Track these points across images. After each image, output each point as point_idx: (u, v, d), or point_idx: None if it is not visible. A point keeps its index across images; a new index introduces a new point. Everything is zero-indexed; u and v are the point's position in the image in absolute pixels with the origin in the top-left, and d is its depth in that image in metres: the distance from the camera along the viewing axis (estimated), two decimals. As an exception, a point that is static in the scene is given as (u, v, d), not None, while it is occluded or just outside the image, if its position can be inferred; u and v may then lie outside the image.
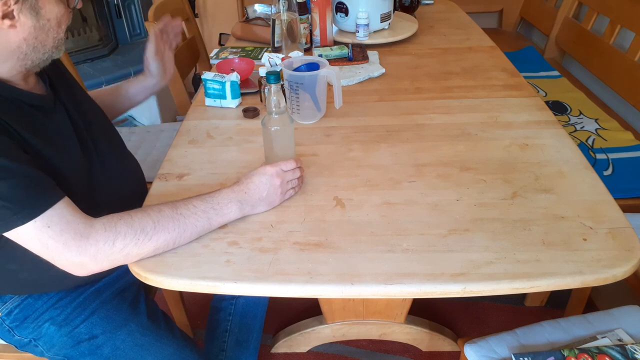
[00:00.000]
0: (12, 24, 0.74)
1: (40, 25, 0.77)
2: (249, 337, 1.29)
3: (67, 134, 0.88)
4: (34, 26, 0.77)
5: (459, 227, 0.84)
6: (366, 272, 0.77)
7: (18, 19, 0.74)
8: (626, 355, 0.90)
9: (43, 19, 0.77)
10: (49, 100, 0.87)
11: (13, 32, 0.75)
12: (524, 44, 2.51)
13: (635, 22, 1.74)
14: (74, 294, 0.96)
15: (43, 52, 0.81)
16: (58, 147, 0.84)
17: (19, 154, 0.74)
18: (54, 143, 0.83)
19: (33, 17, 0.76)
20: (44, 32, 0.78)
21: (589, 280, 0.75)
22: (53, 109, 0.87)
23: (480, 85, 1.35)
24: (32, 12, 0.75)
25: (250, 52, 1.65)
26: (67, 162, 0.85)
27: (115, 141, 1.06)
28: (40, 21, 0.77)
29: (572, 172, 0.97)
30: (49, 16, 0.78)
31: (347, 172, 1.01)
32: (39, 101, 0.84)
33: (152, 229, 0.78)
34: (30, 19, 0.76)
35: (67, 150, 0.86)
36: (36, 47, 0.79)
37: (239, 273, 0.78)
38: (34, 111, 0.82)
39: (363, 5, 1.59)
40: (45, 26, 0.78)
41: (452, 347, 1.49)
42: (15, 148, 0.74)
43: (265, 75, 1.18)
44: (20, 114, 0.80)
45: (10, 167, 0.72)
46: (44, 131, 0.82)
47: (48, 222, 0.73)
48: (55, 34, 0.81)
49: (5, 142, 0.73)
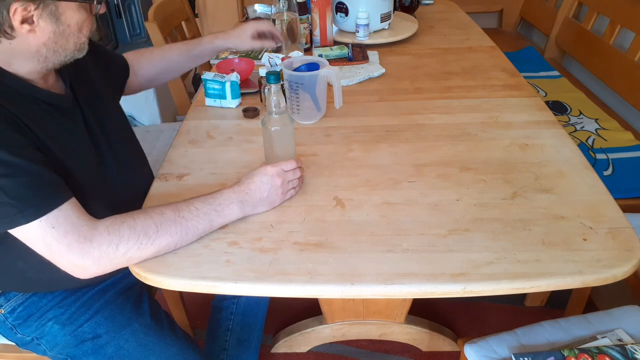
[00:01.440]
0: (31, 28, 0.74)
1: (60, 30, 0.77)
2: (250, 336, 1.29)
3: (81, 135, 0.88)
4: (54, 31, 0.77)
5: (459, 227, 0.84)
6: (366, 272, 0.77)
7: (37, 24, 0.74)
8: (626, 355, 0.90)
9: (63, 25, 0.77)
10: (67, 100, 0.87)
11: (32, 36, 0.75)
12: (524, 44, 2.51)
13: (635, 22, 1.74)
14: (78, 293, 0.97)
15: (64, 55, 0.81)
16: (71, 147, 0.84)
17: (31, 152, 0.75)
18: (68, 143, 0.83)
19: (53, 23, 0.76)
20: (64, 38, 0.78)
21: (589, 280, 0.75)
22: (70, 109, 0.87)
23: (480, 85, 1.35)
24: (52, 18, 0.75)
25: (250, 52, 1.65)
26: (80, 162, 0.85)
27: (131, 142, 1.07)
28: (60, 27, 0.77)
29: (572, 172, 0.97)
30: (69, 22, 0.78)
31: (347, 172, 1.01)
32: (56, 100, 0.85)
33: (154, 232, 0.78)
34: (50, 25, 0.76)
35: (80, 151, 0.87)
36: (57, 51, 0.79)
37: (239, 273, 0.78)
38: (51, 110, 0.83)
39: (363, 5, 1.59)
40: (65, 32, 0.78)
41: (452, 347, 1.49)
42: (28, 146, 0.75)
43: (265, 75, 1.19)
44: (37, 112, 0.80)
45: (19, 164, 0.72)
46: (58, 130, 0.82)
47: (53, 222, 0.73)
48: (77, 39, 0.81)
49: (18, 139, 0.74)
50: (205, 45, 1.26)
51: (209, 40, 1.27)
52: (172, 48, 1.26)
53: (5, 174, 0.71)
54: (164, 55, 1.24)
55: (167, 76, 1.29)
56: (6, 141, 0.72)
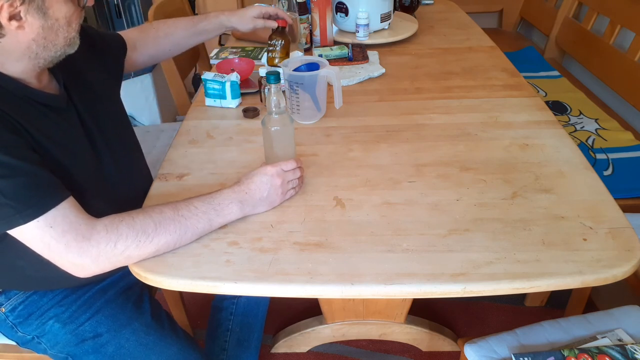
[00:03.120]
0: (19, 25, 0.74)
1: (49, 25, 0.77)
2: (250, 336, 1.29)
3: (77, 134, 0.88)
4: (42, 26, 0.76)
5: (459, 227, 0.84)
6: (366, 272, 0.77)
7: (25, 19, 0.74)
8: (626, 355, 0.90)
9: (51, 19, 0.77)
10: (61, 100, 0.87)
11: (22, 32, 0.75)
12: (524, 44, 2.51)
13: (635, 22, 1.74)
14: (79, 292, 0.97)
15: (55, 50, 0.80)
16: (67, 147, 0.84)
17: (27, 153, 0.74)
18: (64, 143, 0.83)
19: (41, 18, 0.75)
20: (53, 32, 0.78)
21: (589, 280, 0.75)
22: (65, 109, 0.87)
23: (480, 85, 1.35)
24: (39, 13, 0.75)
25: (250, 52, 1.65)
26: (77, 161, 0.85)
27: (129, 141, 1.06)
28: (49, 21, 0.76)
29: (572, 172, 0.97)
30: (57, 16, 0.77)
31: (347, 172, 1.01)
32: (51, 101, 0.84)
33: (153, 230, 0.78)
34: (38, 20, 0.75)
35: (77, 150, 0.87)
36: (47, 47, 0.79)
37: (239, 273, 0.78)
38: (46, 110, 0.82)
39: (363, 5, 1.59)
40: (54, 26, 0.77)
41: (452, 347, 1.49)
42: (24, 147, 0.75)
43: (265, 75, 1.19)
44: (32, 112, 0.80)
45: (16, 165, 0.72)
46: (54, 131, 0.82)
47: (51, 222, 0.73)
48: (66, 33, 0.80)
49: (14, 140, 0.73)
50: (211, 19, 1.27)
51: (215, 15, 1.28)
52: (177, 25, 1.25)
53: (1, 175, 0.71)
54: (169, 32, 1.23)
55: (172, 53, 1.29)
56: (1, 142, 0.72)
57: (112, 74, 1.08)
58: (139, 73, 2.33)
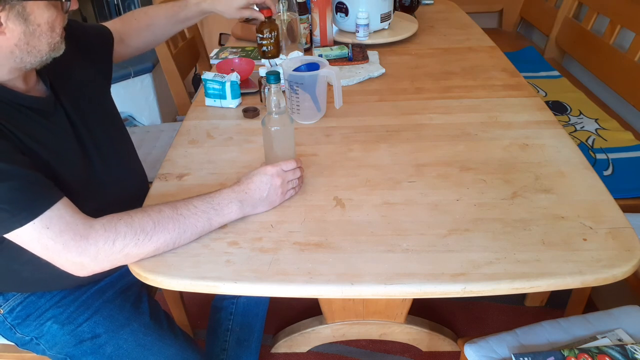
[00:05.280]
0: (0, 31, 0.73)
1: (31, 30, 0.75)
2: (250, 336, 1.29)
3: (66, 136, 0.87)
4: (24, 32, 0.75)
5: (459, 227, 0.84)
6: (366, 272, 0.77)
7: (6, 25, 0.73)
8: (626, 355, 0.90)
9: (33, 25, 0.75)
10: (48, 103, 0.86)
11: (3, 38, 0.74)
12: (524, 44, 2.51)
13: (635, 22, 1.74)
14: (77, 293, 0.97)
15: (40, 56, 0.79)
16: (56, 150, 0.83)
17: (17, 157, 0.74)
18: (53, 145, 0.83)
19: (22, 24, 0.74)
20: (35, 38, 0.77)
21: (589, 280, 0.75)
22: (53, 112, 0.87)
23: (480, 85, 1.35)
24: (19, 19, 0.74)
25: (250, 52, 1.65)
26: (66, 164, 0.85)
27: (120, 141, 1.05)
28: (30, 27, 0.75)
29: (572, 172, 0.97)
30: (38, 21, 0.76)
31: (347, 172, 1.01)
32: (38, 104, 0.84)
33: (152, 229, 0.78)
34: (18, 25, 0.74)
35: (66, 153, 0.86)
36: (30, 52, 0.78)
37: (239, 273, 0.78)
38: (33, 114, 0.82)
39: (363, 5, 1.59)
40: (36, 32, 0.76)
41: (452, 347, 1.49)
42: (13, 151, 0.74)
43: (265, 75, 1.19)
44: (19, 117, 0.79)
45: (7, 169, 0.72)
46: (42, 134, 0.82)
47: (47, 223, 0.73)
48: (50, 39, 0.79)
49: (3, 144, 0.73)
50: (191, 7, 1.23)
51: (196, 2, 1.23)
52: (157, 14, 1.22)
53: None
54: (150, 23, 1.21)
55: (155, 43, 1.28)
56: None
57: (101, 71, 1.07)
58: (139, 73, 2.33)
